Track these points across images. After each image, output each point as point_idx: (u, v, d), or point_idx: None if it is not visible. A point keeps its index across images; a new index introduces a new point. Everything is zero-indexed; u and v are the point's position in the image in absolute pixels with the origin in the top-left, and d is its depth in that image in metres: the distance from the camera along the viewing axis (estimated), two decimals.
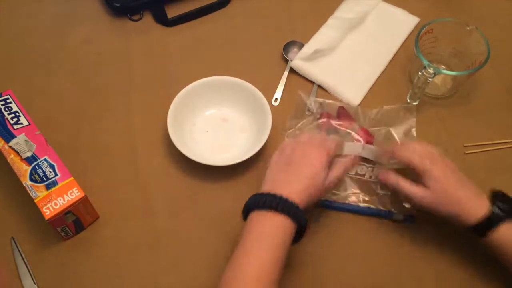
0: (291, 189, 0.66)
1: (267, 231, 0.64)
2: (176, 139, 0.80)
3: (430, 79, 0.83)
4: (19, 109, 0.78)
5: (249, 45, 0.98)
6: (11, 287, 0.72)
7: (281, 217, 0.63)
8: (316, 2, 1.04)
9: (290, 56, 0.95)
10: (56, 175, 0.72)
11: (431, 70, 0.82)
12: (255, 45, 0.98)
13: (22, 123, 0.77)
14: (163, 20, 1.00)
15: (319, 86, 0.92)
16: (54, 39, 0.98)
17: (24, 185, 0.71)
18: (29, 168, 0.72)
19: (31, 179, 0.71)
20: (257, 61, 0.96)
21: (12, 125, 0.76)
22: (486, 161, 0.84)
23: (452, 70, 0.91)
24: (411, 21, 1.01)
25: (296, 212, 0.64)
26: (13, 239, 0.76)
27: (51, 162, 0.73)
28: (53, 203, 0.69)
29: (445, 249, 0.76)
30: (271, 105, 0.87)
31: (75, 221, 0.73)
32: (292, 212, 0.63)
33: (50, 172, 0.72)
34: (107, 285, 0.73)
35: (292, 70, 0.94)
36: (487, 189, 0.72)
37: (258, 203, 0.65)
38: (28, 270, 0.73)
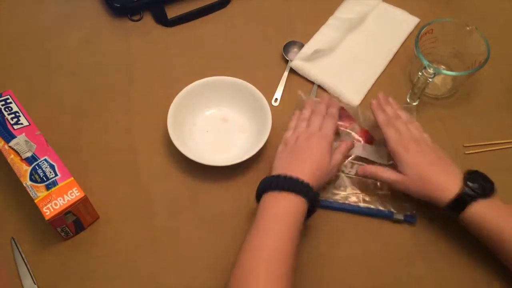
0: (302, 171, 0.71)
1: (283, 210, 0.68)
2: (176, 139, 0.80)
3: (430, 79, 0.83)
4: (19, 109, 0.78)
5: (249, 45, 0.98)
6: (11, 287, 0.72)
7: (295, 197, 0.68)
8: (316, 2, 1.04)
9: (290, 56, 0.95)
10: (56, 175, 0.72)
11: (431, 71, 0.82)
12: (255, 45, 0.98)
13: (22, 123, 0.77)
14: (163, 21, 1.00)
15: (319, 86, 0.92)
16: (54, 39, 0.98)
17: (24, 185, 0.71)
18: (29, 168, 0.72)
19: (31, 179, 0.71)
20: (257, 61, 0.96)
21: (12, 125, 0.76)
22: (486, 161, 0.84)
23: (452, 71, 0.91)
24: (411, 21, 1.01)
25: (308, 192, 0.68)
26: (13, 239, 0.76)
27: (51, 162, 0.73)
28: (53, 203, 0.70)
29: (446, 249, 0.76)
30: (271, 105, 0.87)
31: (75, 221, 0.73)
32: (304, 192, 0.68)
33: (50, 172, 0.72)
34: (107, 285, 0.73)
35: (292, 70, 0.94)
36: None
37: (271, 184, 0.70)
38: (28, 270, 0.73)
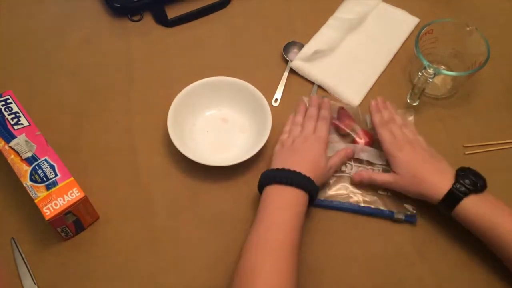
0: (301, 168, 0.73)
1: (287, 202, 0.71)
2: (176, 139, 0.80)
3: (430, 80, 0.83)
4: (19, 109, 0.78)
5: (249, 46, 0.98)
6: (11, 287, 0.72)
7: (297, 190, 0.71)
8: (316, 2, 1.04)
9: (290, 56, 0.95)
10: (56, 175, 0.72)
11: (431, 71, 0.82)
12: (255, 45, 0.98)
13: (22, 124, 0.77)
14: (163, 21, 1.00)
15: (319, 86, 0.92)
16: (54, 39, 0.98)
17: (25, 185, 0.71)
18: (29, 169, 0.72)
19: (31, 180, 0.71)
20: (257, 62, 0.96)
21: (12, 125, 0.76)
22: (486, 162, 0.84)
23: (452, 71, 0.91)
24: (411, 21, 1.01)
25: (309, 186, 0.72)
26: (13, 239, 0.76)
27: (51, 163, 0.73)
28: (53, 203, 0.70)
29: (446, 249, 0.76)
30: (271, 105, 0.87)
31: (75, 221, 0.73)
32: (306, 186, 0.71)
33: (50, 172, 0.72)
34: (107, 285, 0.73)
35: (292, 71, 0.94)
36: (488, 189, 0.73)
37: (275, 177, 0.72)
38: (28, 270, 0.73)
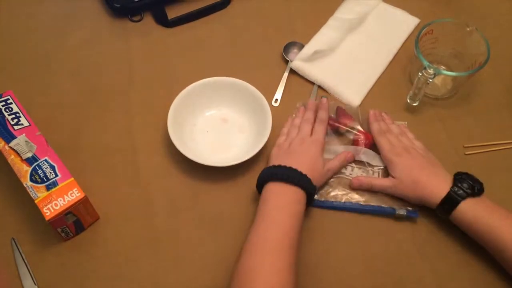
0: (299, 168, 0.73)
1: (286, 200, 0.72)
2: (176, 139, 0.80)
3: (430, 80, 0.83)
4: (19, 109, 0.78)
5: (249, 46, 0.98)
6: (12, 287, 0.72)
7: (297, 188, 0.72)
8: (316, 2, 1.04)
9: (290, 56, 0.95)
10: (56, 175, 0.72)
11: (431, 71, 0.82)
12: (255, 46, 0.98)
13: (22, 124, 0.77)
14: (164, 21, 1.00)
15: (319, 86, 0.92)
16: (55, 39, 0.98)
17: (25, 185, 0.71)
18: (29, 169, 0.72)
19: (31, 180, 0.71)
20: (257, 62, 0.96)
21: (12, 125, 0.76)
22: (486, 162, 0.84)
23: (452, 71, 0.91)
24: (411, 21, 1.01)
25: (308, 185, 0.73)
26: (14, 239, 0.76)
27: (52, 163, 0.73)
28: (54, 203, 0.70)
29: (446, 249, 0.76)
30: (271, 105, 0.87)
31: (75, 221, 0.73)
32: (305, 185, 0.72)
33: (51, 172, 0.72)
34: (107, 285, 0.73)
35: (292, 71, 0.94)
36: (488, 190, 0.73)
37: (276, 174, 0.73)
38: (28, 270, 0.73)
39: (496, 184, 0.76)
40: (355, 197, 0.79)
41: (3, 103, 0.79)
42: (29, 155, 0.74)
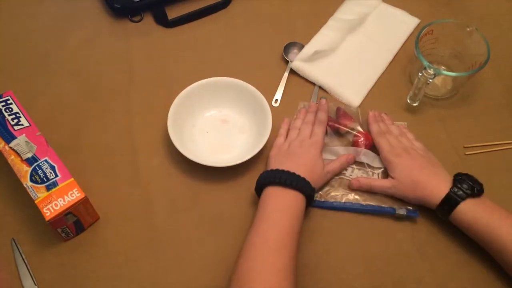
0: (297, 172, 0.73)
1: (286, 203, 0.72)
2: (176, 139, 0.80)
3: (430, 80, 0.83)
4: (19, 110, 0.78)
5: (249, 46, 0.98)
6: (12, 287, 0.72)
7: (296, 192, 0.72)
8: (316, 3, 1.04)
9: (290, 57, 0.95)
10: (56, 176, 0.72)
11: (431, 71, 0.82)
12: (255, 46, 0.98)
13: (22, 124, 0.77)
14: (164, 21, 1.00)
15: (320, 87, 0.92)
16: (55, 39, 0.98)
17: (25, 186, 0.71)
18: (29, 169, 0.72)
19: (31, 180, 0.71)
20: (257, 62, 0.96)
21: (12, 126, 0.76)
22: (486, 162, 0.84)
23: (452, 71, 0.91)
24: (411, 22, 1.01)
25: (307, 189, 0.73)
26: (14, 240, 0.76)
27: (52, 163, 0.73)
28: (54, 204, 0.70)
29: (446, 249, 0.76)
30: (271, 106, 0.87)
31: (75, 222, 0.73)
32: (304, 188, 0.72)
33: (51, 173, 0.72)
34: (107, 286, 0.73)
35: (292, 71, 0.94)
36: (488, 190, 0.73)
37: (275, 178, 0.73)
38: (29, 270, 0.73)
39: (496, 184, 0.76)
40: (355, 197, 0.79)
41: (3, 103, 0.79)
42: (29, 155, 0.74)
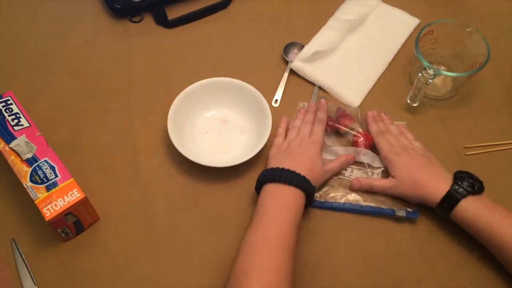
0: (299, 169, 0.74)
1: (285, 201, 0.72)
2: (176, 140, 0.80)
3: (430, 81, 0.83)
4: (19, 110, 0.78)
5: (249, 47, 0.98)
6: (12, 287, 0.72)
7: (296, 189, 0.72)
8: (316, 3, 1.04)
9: (290, 57, 0.95)
10: (56, 176, 0.72)
11: (431, 71, 0.82)
12: (255, 46, 0.98)
13: (22, 125, 0.77)
14: (164, 22, 1.00)
15: (320, 87, 0.92)
16: (55, 39, 0.98)
17: (25, 186, 0.71)
18: (29, 170, 0.72)
19: (31, 181, 0.71)
20: (257, 63, 0.96)
21: (12, 126, 0.76)
22: (486, 162, 0.84)
23: (452, 72, 0.91)
24: (411, 22, 1.01)
25: (307, 186, 0.73)
26: (14, 240, 0.76)
27: (52, 164, 0.73)
28: (54, 204, 0.70)
29: (446, 249, 0.76)
30: (271, 106, 0.87)
31: (75, 222, 0.73)
32: (304, 186, 0.72)
33: (51, 173, 0.72)
34: (107, 286, 0.73)
35: (292, 71, 0.94)
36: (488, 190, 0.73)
37: (275, 176, 0.73)
38: (29, 271, 0.73)
39: (496, 184, 0.76)
40: (355, 198, 0.79)
41: (3, 103, 0.79)
42: (29, 155, 0.74)
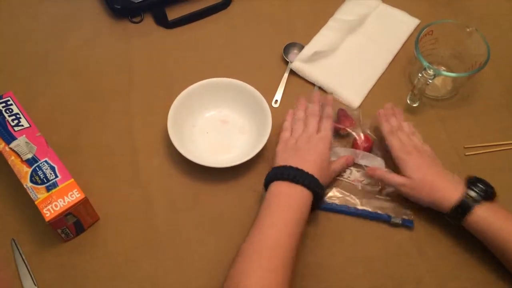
0: (307, 168, 0.72)
1: (292, 200, 0.70)
2: (176, 140, 0.80)
3: (430, 81, 0.83)
4: (19, 111, 0.79)
5: (249, 47, 0.98)
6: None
7: (303, 189, 0.70)
8: (316, 3, 1.04)
9: (290, 57, 0.95)
10: (56, 176, 0.72)
11: (431, 72, 0.82)
12: (255, 46, 0.98)
13: (22, 125, 0.77)
14: (164, 22, 1.00)
15: (319, 88, 0.92)
16: (55, 39, 0.98)
17: (25, 186, 0.71)
18: (29, 170, 0.72)
19: (31, 181, 0.71)
20: (257, 63, 0.96)
21: (12, 127, 0.77)
22: (486, 163, 0.84)
23: (452, 72, 0.91)
24: (411, 22, 1.01)
25: (315, 186, 0.71)
26: (14, 240, 0.76)
27: (52, 164, 0.73)
28: (54, 204, 0.70)
29: (446, 249, 0.76)
30: (271, 106, 0.87)
31: (75, 222, 0.73)
32: (312, 185, 0.71)
33: (51, 173, 0.72)
34: (107, 286, 0.73)
35: (292, 72, 0.94)
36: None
37: (283, 174, 0.71)
38: (29, 271, 0.73)
39: (496, 185, 0.76)
40: (351, 201, 0.79)
41: (4, 104, 0.79)
42: (29, 156, 0.74)
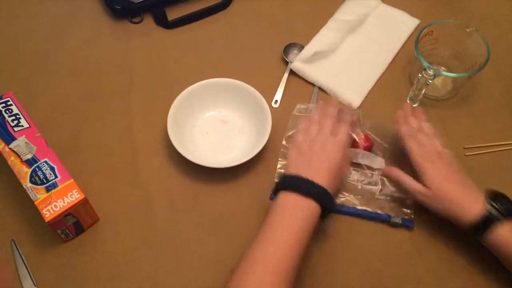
0: (320, 178, 0.69)
1: (299, 214, 0.67)
2: (176, 140, 0.80)
3: (430, 81, 0.83)
4: (19, 111, 0.79)
5: (249, 47, 0.98)
6: None
7: (312, 201, 0.67)
8: (316, 4, 1.04)
9: (290, 58, 0.95)
10: (56, 177, 0.72)
11: (431, 72, 0.82)
12: (255, 47, 0.98)
13: (22, 126, 0.77)
14: (164, 22, 1.00)
15: (319, 88, 0.92)
16: (55, 40, 0.98)
17: (25, 187, 0.71)
18: (29, 170, 0.72)
19: (31, 181, 0.71)
20: (257, 63, 0.96)
21: (12, 127, 0.77)
22: (486, 163, 0.84)
23: (452, 72, 0.91)
24: (411, 22, 1.01)
25: (325, 198, 0.68)
26: (13, 241, 0.76)
27: (51, 164, 0.73)
28: (53, 205, 0.70)
29: (446, 250, 0.76)
30: (271, 107, 0.87)
31: (75, 223, 0.73)
32: (322, 198, 0.68)
33: (50, 174, 0.72)
34: (107, 286, 0.73)
35: (292, 72, 0.94)
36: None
37: (294, 185, 0.68)
38: (28, 272, 0.73)
39: (496, 185, 0.75)
40: (351, 201, 0.79)
41: (3, 104, 0.79)
42: (29, 156, 0.74)
